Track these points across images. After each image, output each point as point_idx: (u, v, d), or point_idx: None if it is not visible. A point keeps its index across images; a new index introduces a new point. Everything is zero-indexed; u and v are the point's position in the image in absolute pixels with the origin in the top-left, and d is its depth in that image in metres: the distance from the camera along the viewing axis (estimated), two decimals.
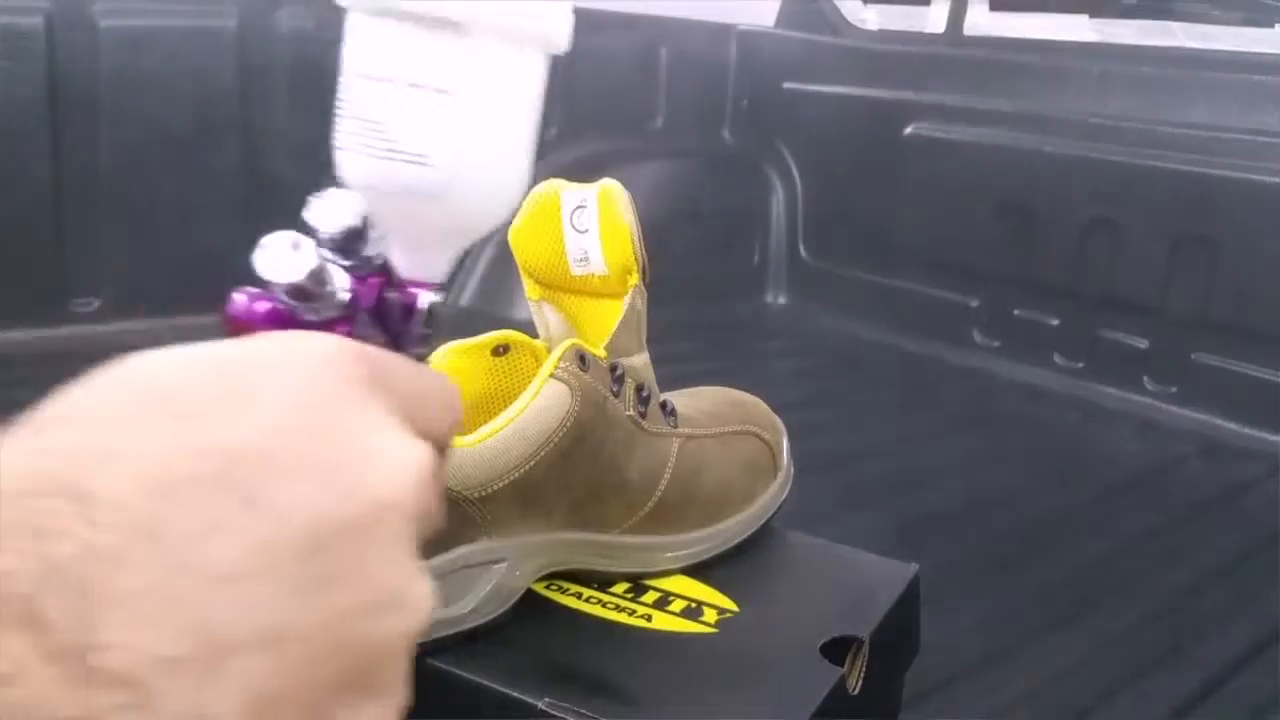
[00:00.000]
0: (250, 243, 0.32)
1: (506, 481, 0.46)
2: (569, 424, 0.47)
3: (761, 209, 1.84)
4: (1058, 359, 1.51)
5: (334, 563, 0.22)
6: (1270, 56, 1.45)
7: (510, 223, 0.35)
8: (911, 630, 0.59)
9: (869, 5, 1.88)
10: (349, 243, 0.31)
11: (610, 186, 0.52)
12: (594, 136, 1.73)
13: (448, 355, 0.51)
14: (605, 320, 0.52)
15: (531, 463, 0.47)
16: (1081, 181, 1.47)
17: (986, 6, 1.76)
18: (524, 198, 0.35)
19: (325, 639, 0.21)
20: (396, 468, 0.23)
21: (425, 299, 0.32)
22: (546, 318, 0.53)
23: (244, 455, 0.21)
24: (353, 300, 0.30)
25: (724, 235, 1.82)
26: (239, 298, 0.30)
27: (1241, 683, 0.82)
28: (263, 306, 0.29)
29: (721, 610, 0.51)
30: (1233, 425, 1.33)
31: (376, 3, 0.31)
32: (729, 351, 1.59)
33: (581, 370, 0.48)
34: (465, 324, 0.34)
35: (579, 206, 0.51)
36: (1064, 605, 0.91)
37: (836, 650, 0.49)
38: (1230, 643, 0.87)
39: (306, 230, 0.31)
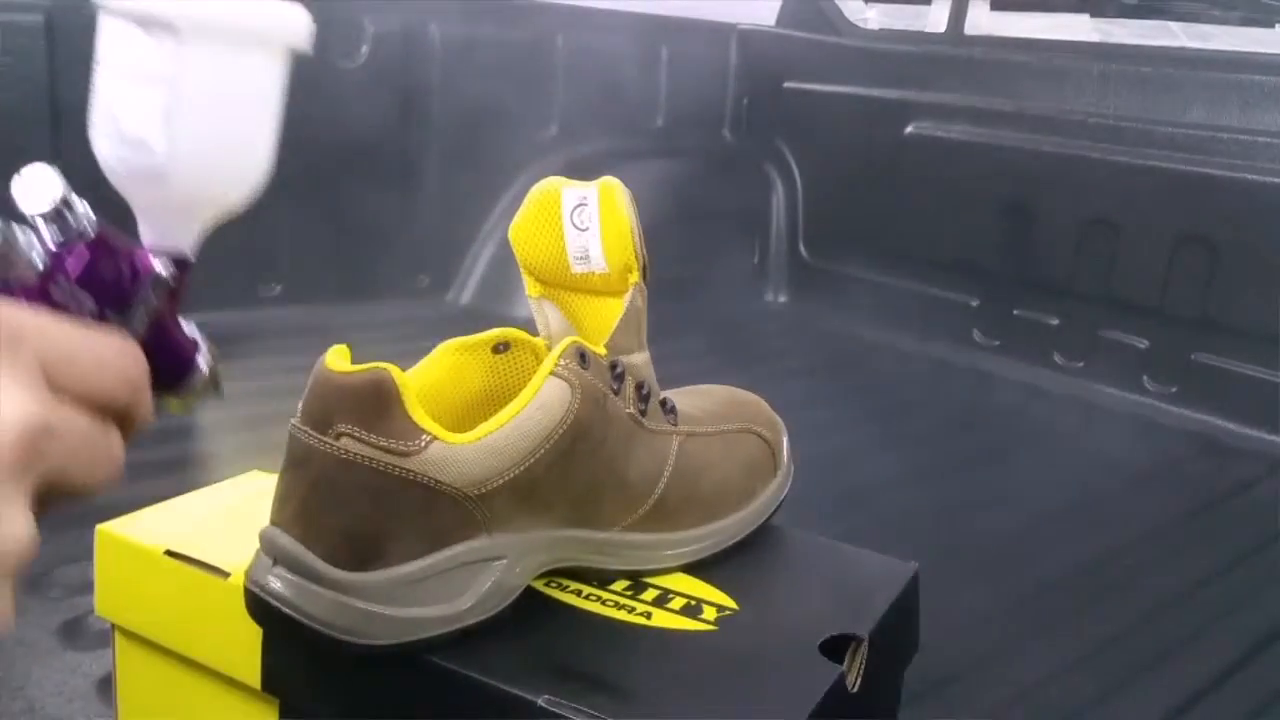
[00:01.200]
0: (245, 241, 0.34)
1: (506, 479, 0.46)
2: (569, 422, 0.47)
3: (762, 208, 1.84)
4: (1057, 358, 1.51)
5: None
6: (1270, 56, 1.45)
7: (247, 202, 0.38)
8: (911, 628, 0.59)
9: (870, 5, 1.88)
10: (52, 216, 0.34)
11: (611, 184, 0.52)
12: (594, 135, 1.73)
13: (448, 352, 0.51)
14: (605, 318, 0.52)
15: (531, 460, 0.47)
16: (1082, 181, 1.47)
17: (987, 6, 1.77)
18: (260, 176, 0.38)
19: None
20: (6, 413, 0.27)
21: (157, 264, 0.35)
22: (546, 315, 0.53)
23: None
24: (52, 268, 0.33)
25: (724, 234, 1.82)
26: None
27: (1239, 682, 0.82)
28: None
29: (721, 608, 0.51)
30: (1232, 425, 1.33)
31: (113, 4, 0.35)
32: (729, 350, 1.59)
33: (582, 368, 0.48)
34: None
35: (579, 204, 0.51)
36: (1063, 604, 0.91)
37: (836, 648, 0.49)
38: (1229, 641, 0.87)
39: (11, 207, 0.34)
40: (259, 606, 0.44)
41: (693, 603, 0.52)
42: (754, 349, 1.63)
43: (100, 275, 0.34)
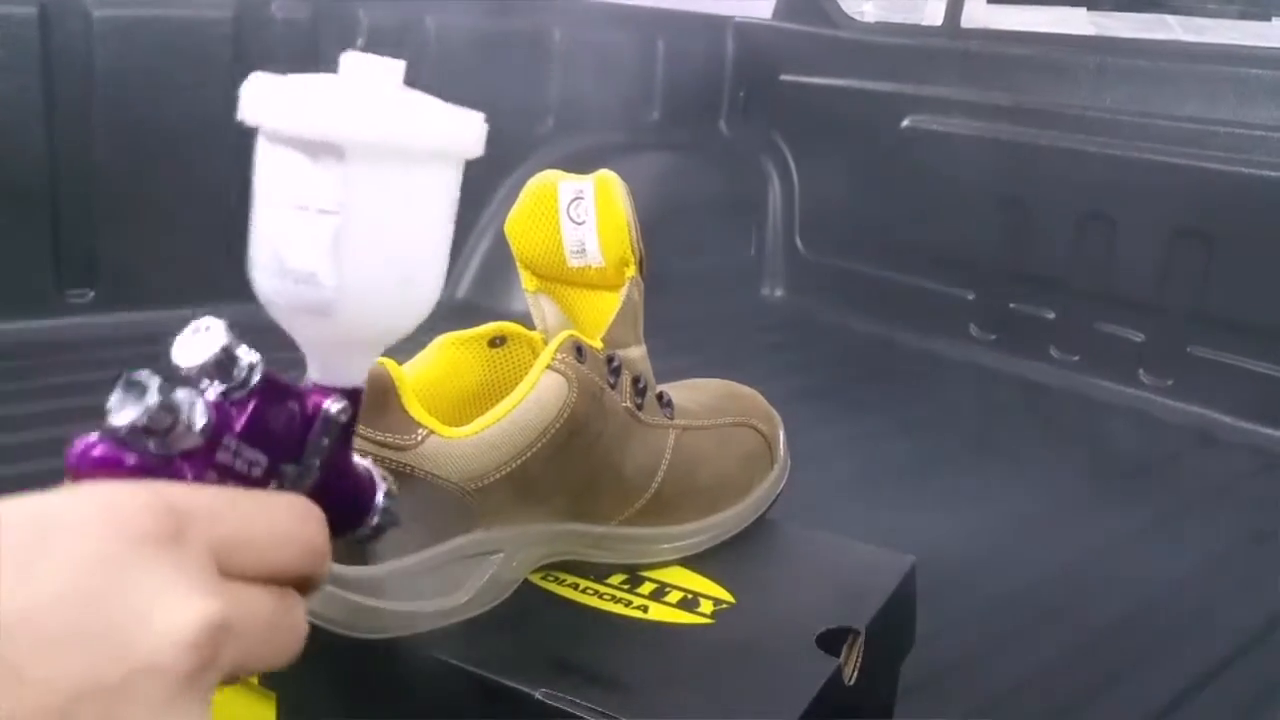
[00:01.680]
0: (241, 237, 0.33)
1: (503, 473, 0.46)
2: (565, 415, 0.47)
3: (758, 202, 1.84)
4: (1054, 352, 1.51)
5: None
6: (1266, 50, 1.45)
7: (419, 324, 0.35)
8: (907, 622, 0.59)
9: None
10: (215, 372, 0.31)
11: (607, 177, 0.52)
12: (591, 129, 1.73)
13: (444, 346, 0.51)
14: (602, 312, 0.52)
15: (528, 454, 0.47)
16: (1078, 175, 1.47)
17: (984, 0, 1.76)
18: (433, 302, 0.35)
19: None
20: (166, 632, 0.24)
21: (328, 406, 0.33)
22: (543, 309, 0.53)
23: (13, 620, 0.23)
24: (219, 428, 0.30)
25: (721, 228, 1.82)
26: (77, 445, 0.29)
27: (1236, 675, 0.82)
28: (96, 451, 0.29)
29: (718, 601, 0.51)
30: (1229, 418, 1.33)
31: (271, 126, 0.31)
32: (726, 344, 1.59)
33: (578, 361, 0.48)
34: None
35: (576, 198, 0.51)
36: (1059, 598, 0.92)
37: (832, 641, 0.49)
38: (1225, 635, 0.87)
39: (172, 367, 0.31)
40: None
41: (690, 596, 0.52)
42: (750, 343, 1.63)
43: (270, 427, 0.31)
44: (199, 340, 0.31)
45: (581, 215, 0.51)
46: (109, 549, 0.25)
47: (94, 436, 0.29)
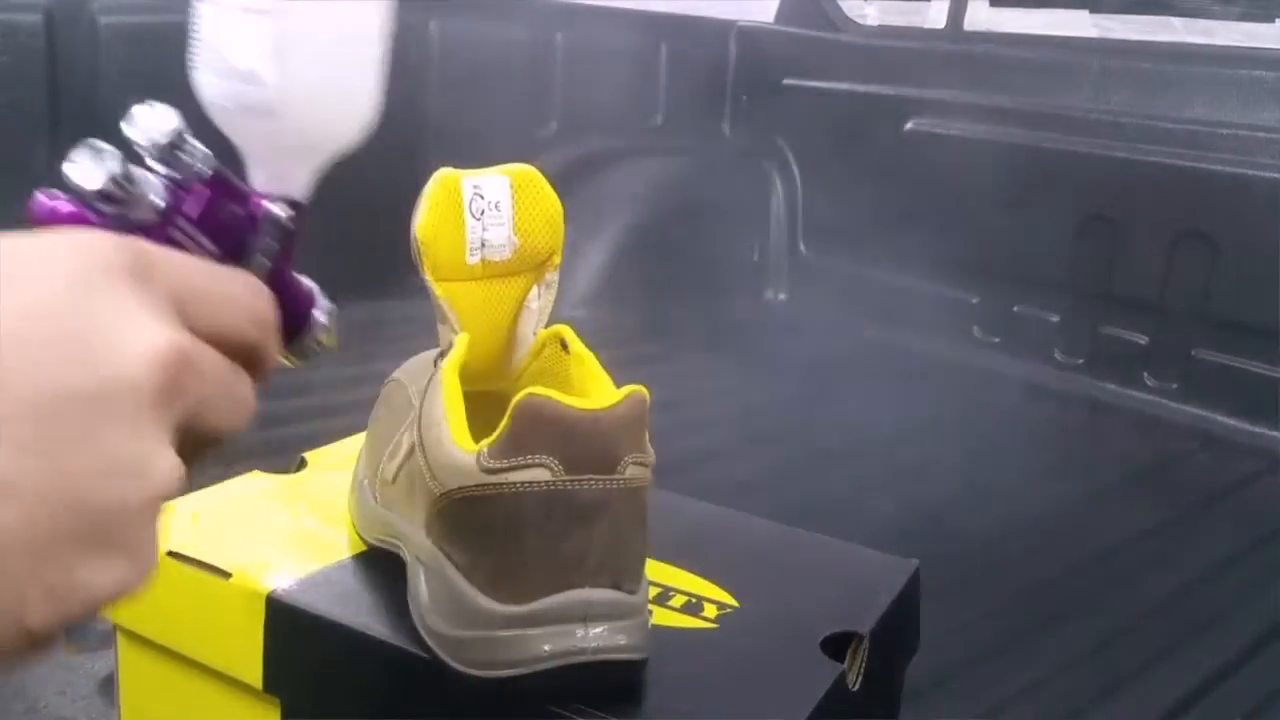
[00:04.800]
0: None
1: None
2: None
3: (761, 205, 1.84)
4: (1058, 355, 1.51)
5: (66, 428, 0.24)
6: (1270, 52, 1.45)
7: (357, 143, 0.37)
8: (911, 626, 0.59)
9: (869, 1, 1.88)
10: (168, 154, 0.32)
11: (528, 169, 0.51)
12: (594, 133, 1.73)
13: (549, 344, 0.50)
14: (500, 302, 0.51)
15: None
16: (1081, 177, 1.47)
17: (987, 2, 1.77)
18: (370, 115, 0.36)
19: (57, 495, 0.24)
20: (135, 349, 0.25)
21: (273, 208, 0.33)
22: (446, 312, 0.51)
23: None
24: (172, 208, 0.31)
25: (724, 232, 1.82)
26: (42, 198, 0.30)
27: (1241, 678, 0.82)
28: (65, 208, 0.30)
29: (721, 605, 0.51)
30: (1232, 421, 1.33)
31: None
32: (729, 348, 1.59)
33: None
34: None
35: (475, 194, 0.50)
36: (1064, 601, 0.92)
37: (836, 646, 0.49)
38: (1230, 638, 0.87)
39: (127, 144, 0.32)
40: (594, 671, 0.41)
41: (693, 600, 0.52)
42: (753, 346, 1.63)
43: (219, 217, 0.33)
44: (154, 117, 0.32)
45: (480, 210, 0.50)
46: (78, 274, 0.26)
47: (59, 194, 0.30)
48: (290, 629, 0.48)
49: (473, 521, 0.42)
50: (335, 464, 0.61)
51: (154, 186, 0.31)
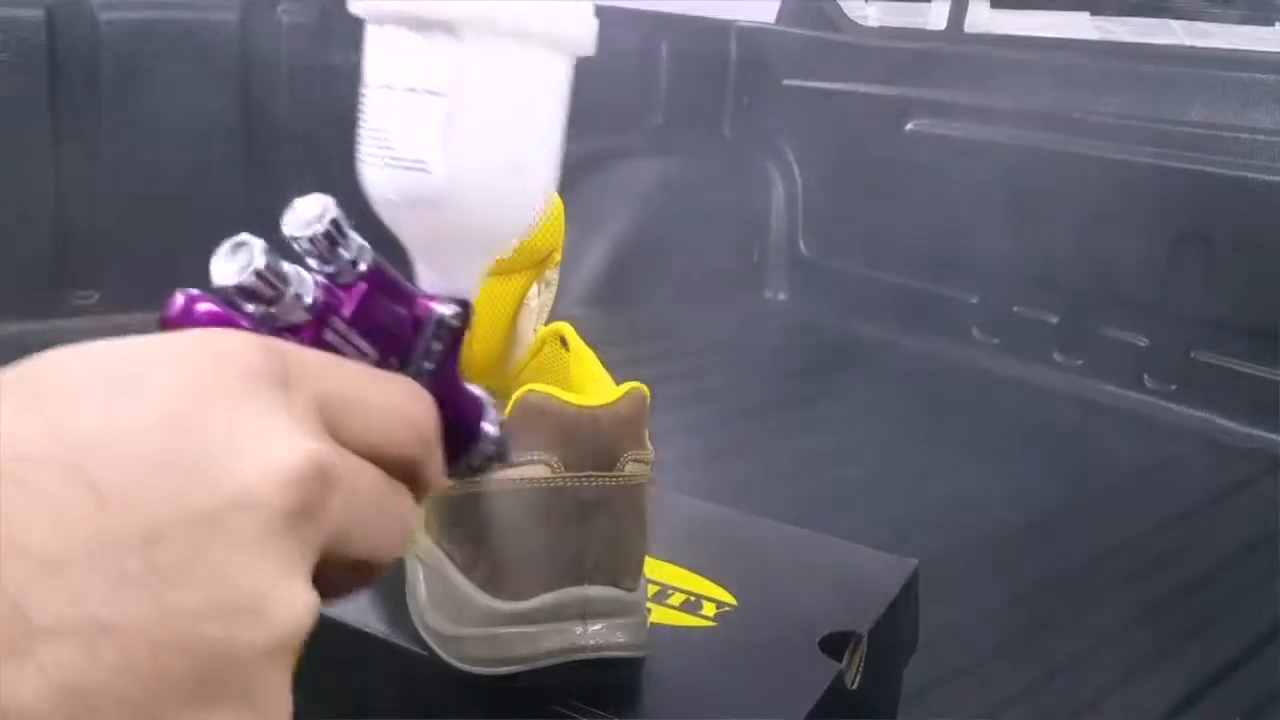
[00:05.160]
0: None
1: None
2: None
3: (762, 206, 1.84)
4: (1057, 356, 1.51)
5: (176, 556, 0.20)
6: (1269, 55, 1.45)
7: (524, 230, 0.34)
8: (910, 626, 0.59)
9: (870, 2, 1.88)
10: (324, 247, 0.28)
11: None
12: (594, 134, 1.73)
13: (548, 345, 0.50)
14: (499, 299, 0.51)
15: None
16: (1081, 179, 1.47)
17: (987, 3, 1.76)
18: (542, 202, 0.33)
19: (160, 636, 0.20)
20: (265, 462, 0.22)
21: (441, 309, 0.30)
22: None
23: (97, 441, 0.21)
24: (324, 307, 0.28)
25: (724, 232, 1.82)
26: (179, 299, 0.27)
27: (1239, 680, 0.82)
28: (204, 307, 0.27)
29: (720, 604, 0.51)
30: (1232, 423, 1.33)
31: (378, 8, 0.31)
32: (728, 348, 1.59)
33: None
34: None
35: None
36: (1062, 602, 0.92)
37: (835, 645, 0.49)
38: (1228, 641, 0.87)
39: (285, 241, 0.29)
40: (592, 669, 0.41)
41: (692, 598, 0.52)
42: (753, 346, 1.63)
43: (378, 317, 0.29)
44: (310, 207, 0.28)
45: None
46: (207, 378, 0.22)
47: (197, 292, 0.27)
48: None
49: (472, 519, 0.42)
50: None
51: (305, 283, 0.27)
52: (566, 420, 0.40)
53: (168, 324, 0.26)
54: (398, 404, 0.27)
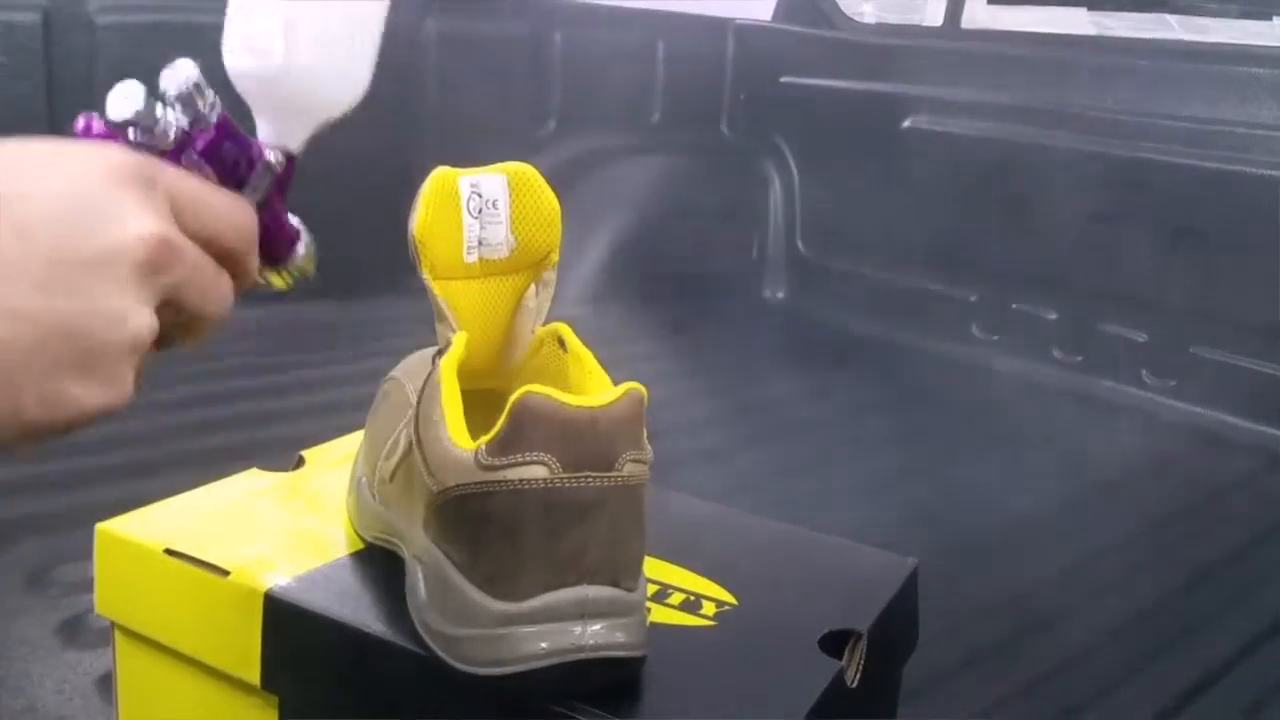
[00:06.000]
0: None
1: None
2: None
3: (759, 204, 1.84)
4: (1056, 353, 1.51)
5: (70, 279, 0.32)
6: (1268, 49, 1.45)
7: (346, 110, 0.45)
8: (910, 624, 0.59)
9: None
10: (187, 99, 0.40)
11: (525, 168, 0.51)
12: (591, 132, 1.73)
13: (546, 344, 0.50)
14: (495, 301, 0.51)
15: None
16: (1079, 175, 1.47)
17: (984, 0, 1.77)
18: (359, 93, 0.44)
19: (56, 326, 0.31)
20: (131, 231, 0.33)
21: (269, 154, 0.42)
22: (445, 311, 0.51)
23: (26, 197, 0.32)
24: (183, 140, 0.39)
25: (722, 230, 1.82)
26: (82, 120, 0.39)
27: (1239, 675, 0.82)
28: (98, 128, 0.39)
29: (720, 603, 0.51)
30: (1231, 419, 1.33)
31: None
32: (727, 346, 1.59)
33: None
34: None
35: (473, 192, 0.50)
36: (1062, 599, 0.92)
37: (835, 644, 0.49)
38: (1228, 636, 0.87)
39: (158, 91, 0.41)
40: (592, 669, 0.41)
41: (692, 598, 0.52)
42: (752, 344, 1.63)
43: (222, 154, 0.41)
44: (180, 69, 0.40)
45: (477, 208, 0.50)
46: (98, 172, 0.34)
47: (95, 117, 0.39)
48: (288, 627, 0.48)
49: (470, 519, 0.42)
50: (333, 462, 0.61)
51: (171, 123, 0.39)
52: (565, 421, 0.40)
53: (75, 133, 0.38)
54: (226, 210, 0.38)
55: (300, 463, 0.62)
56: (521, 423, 0.40)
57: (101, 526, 0.54)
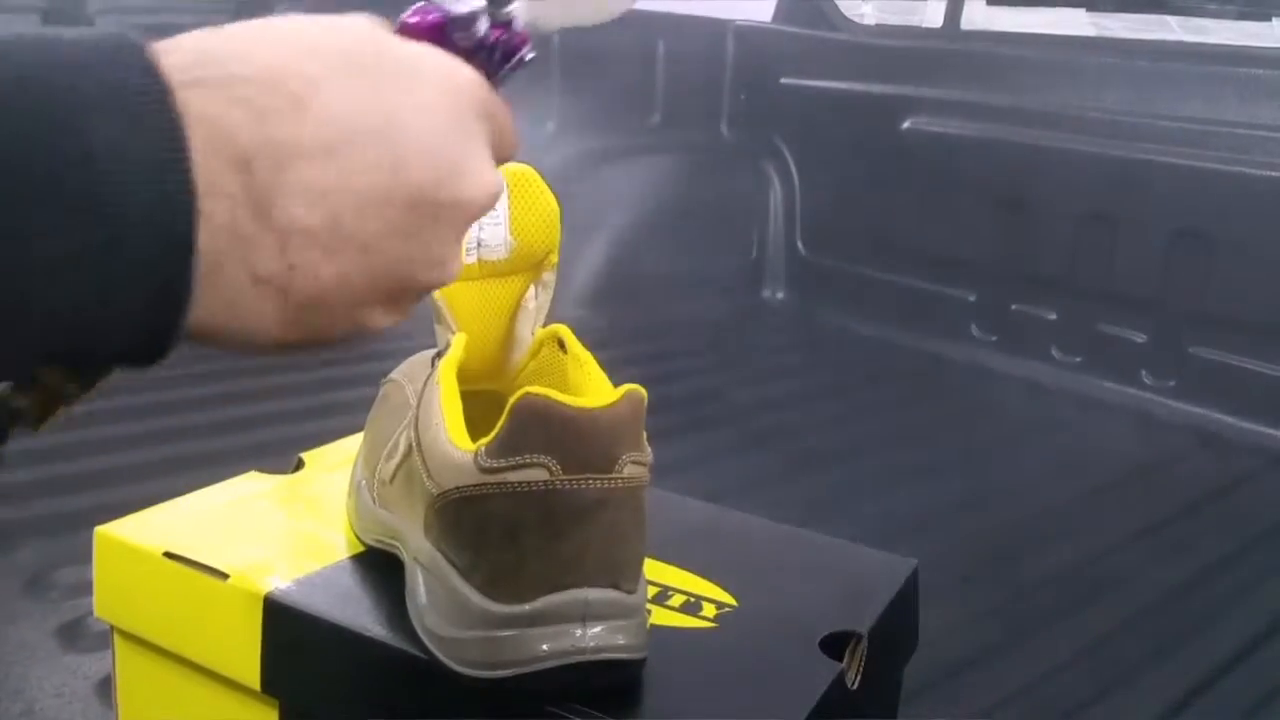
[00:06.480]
0: None
1: None
2: None
3: (759, 204, 1.84)
4: (1055, 353, 1.51)
5: (418, 223, 0.32)
6: (1267, 50, 1.46)
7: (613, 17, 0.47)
8: (910, 625, 0.59)
9: (866, 0, 1.88)
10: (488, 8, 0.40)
11: (524, 168, 0.51)
12: (592, 132, 1.73)
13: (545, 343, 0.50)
14: (493, 301, 0.51)
15: None
16: (1078, 175, 1.47)
17: (984, 1, 1.77)
18: (616, 12, 0.46)
19: (394, 265, 0.32)
20: (481, 184, 0.34)
21: (528, 52, 0.42)
22: (444, 312, 0.51)
23: (399, 124, 0.31)
24: (483, 41, 0.40)
25: (722, 231, 1.82)
26: (416, 10, 0.38)
27: (1239, 677, 0.82)
28: (431, 18, 0.38)
29: (720, 605, 0.51)
30: (1230, 419, 1.33)
31: None
32: (727, 347, 1.59)
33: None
34: None
35: None
36: (1062, 599, 0.92)
37: (835, 645, 0.49)
38: (1227, 637, 0.87)
39: None
40: (592, 671, 0.41)
41: (692, 599, 0.52)
42: (751, 345, 1.63)
43: (495, 46, 0.41)
44: None
45: None
46: (458, 105, 0.34)
47: (429, 9, 0.38)
48: (288, 630, 0.48)
49: (470, 521, 0.42)
50: (333, 464, 0.61)
51: (484, 19, 0.40)
52: (565, 422, 0.40)
53: (405, 29, 0.37)
54: (514, 134, 0.38)
55: (299, 465, 0.62)
56: (521, 424, 0.40)
57: (101, 530, 0.54)
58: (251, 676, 0.49)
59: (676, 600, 0.51)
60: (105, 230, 0.25)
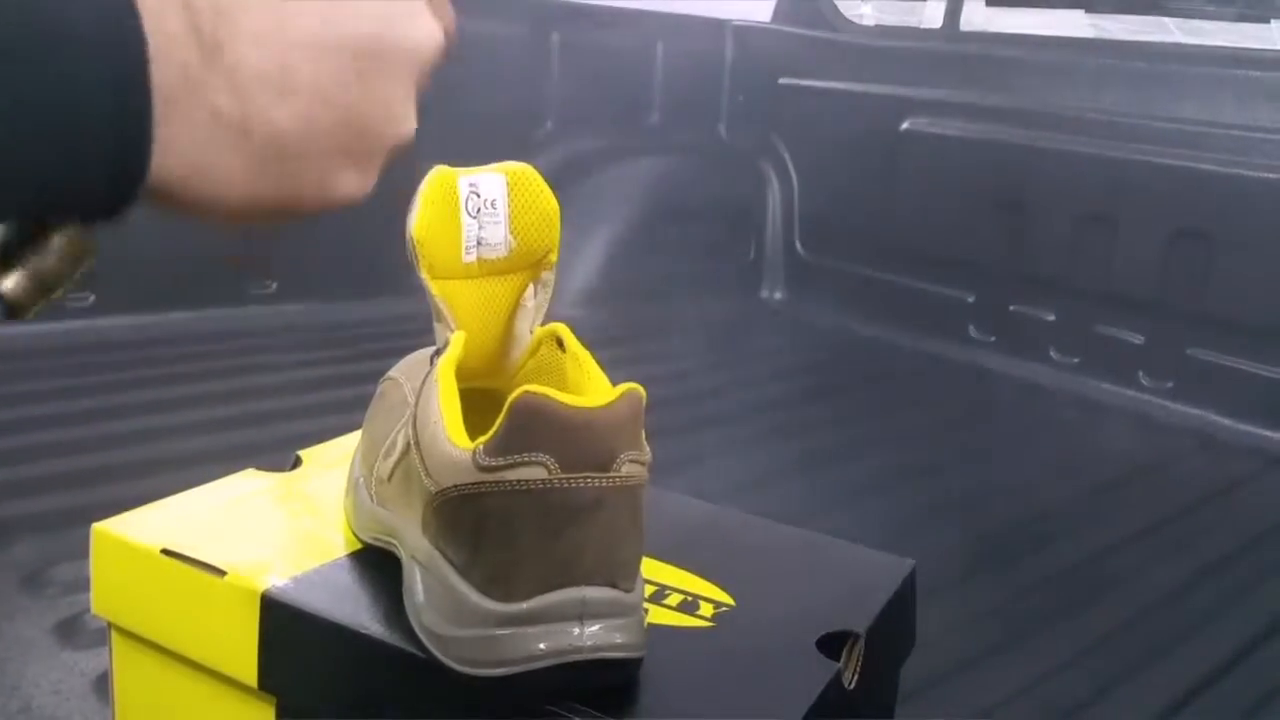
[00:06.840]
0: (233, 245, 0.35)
1: None
2: None
3: (758, 205, 1.84)
4: (1054, 354, 1.51)
5: (367, 70, 0.33)
6: (1265, 52, 1.46)
7: None
8: (908, 625, 0.59)
9: (865, 1, 1.88)
10: None
11: (523, 167, 0.51)
12: (590, 132, 1.73)
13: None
14: (493, 300, 0.51)
15: None
16: (1077, 177, 1.47)
17: (983, 2, 1.77)
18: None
19: (351, 116, 0.33)
20: (427, 35, 0.35)
21: None
22: (443, 310, 0.51)
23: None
24: None
25: (720, 231, 1.82)
26: None
27: (1236, 677, 0.82)
28: None
29: (718, 604, 0.51)
30: (1228, 420, 1.33)
31: None
32: (725, 347, 1.59)
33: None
34: None
35: (472, 191, 0.50)
36: (1059, 600, 0.92)
37: (833, 645, 0.49)
38: (1225, 638, 0.87)
39: None
40: (590, 670, 0.41)
41: (689, 599, 0.52)
42: (750, 346, 1.63)
43: None
44: None
45: (476, 208, 0.50)
46: None
47: None
48: (285, 627, 0.48)
49: (468, 519, 0.42)
50: (331, 462, 0.61)
51: None
52: (563, 421, 0.40)
53: None
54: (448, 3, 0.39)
55: (297, 463, 0.62)
56: (520, 423, 0.40)
57: (98, 526, 0.54)
58: (249, 674, 0.49)
59: (674, 599, 0.51)
60: (58, 65, 0.26)
